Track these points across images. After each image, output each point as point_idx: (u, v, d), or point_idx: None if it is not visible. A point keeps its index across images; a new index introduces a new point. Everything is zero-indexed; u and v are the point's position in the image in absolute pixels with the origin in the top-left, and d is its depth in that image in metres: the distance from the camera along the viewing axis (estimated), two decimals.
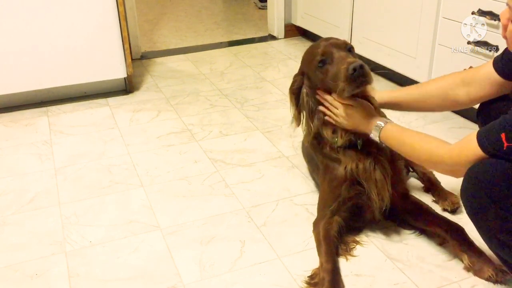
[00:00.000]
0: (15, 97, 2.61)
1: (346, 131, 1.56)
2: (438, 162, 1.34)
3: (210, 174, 2.01)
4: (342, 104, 1.53)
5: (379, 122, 1.49)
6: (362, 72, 1.42)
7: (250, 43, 3.64)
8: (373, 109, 1.56)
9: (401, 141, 1.45)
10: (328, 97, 1.56)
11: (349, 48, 1.53)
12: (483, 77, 1.50)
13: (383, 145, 1.52)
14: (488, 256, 1.44)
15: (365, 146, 1.57)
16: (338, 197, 1.58)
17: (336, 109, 1.54)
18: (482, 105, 1.56)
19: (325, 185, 1.64)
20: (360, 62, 1.43)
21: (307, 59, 1.60)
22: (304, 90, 1.61)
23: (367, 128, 1.51)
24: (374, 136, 1.50)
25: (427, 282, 1.45)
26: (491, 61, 1.49)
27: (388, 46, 2.68)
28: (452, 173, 1.33)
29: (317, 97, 1.59)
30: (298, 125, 1.66)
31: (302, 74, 1.62)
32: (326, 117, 1.59)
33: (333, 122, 1.57)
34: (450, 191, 1.78)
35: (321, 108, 1.60)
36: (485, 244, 1.34)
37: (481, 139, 1.22)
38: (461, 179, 1.29)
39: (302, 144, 1.97)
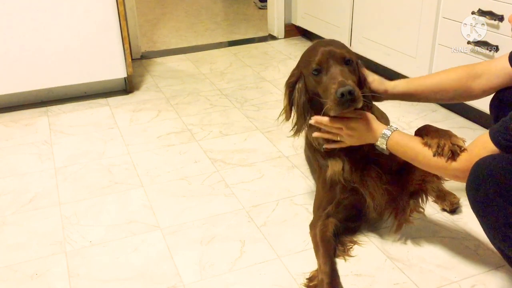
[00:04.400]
0: (15, 97, 2.61)
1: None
2: (449, 167, 1.31)
3: (210, 174, 2.01)
4: (344, 120, 1.47)
5: (385, 131, 1.44)
6: (350, 98, 1.37)
7: (250, 43, 3.64)
8: (376, 118, 1.50)
9: (409, 148, 1.40)
10: (324, 120, 1.50)
11: (347, 61, 1.46)
12: (498, 71, 1.48)
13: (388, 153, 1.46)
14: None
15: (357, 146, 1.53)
16: (333, 199, 1.58)
17: (340, 128, 1.48)
18: (496, 92, 1.55)
19: (320, 187, 1.64)
20: (349, 87, 1.36)
21: (304, 60, 1.57)
22: (297, 86, 1.57)
23: (374, 138, 1.46)
24: (381, 144, 1.44)
25: (427, 282, 1.45)
26: (506, 54, 1.47)
27: (388, 46, 2.68)
28: (464, 176, 1.27)
29: (311, 122, 1.53)
30: (288, 119, 1.61)
31: (299, 71, 1.59)
32: (326, 146, 1.55)
33: (336, 146, 1.52)
34: (449, 191, 1.77)
35: (316, 134, 1.54)
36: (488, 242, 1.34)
37: (494, 134, 1.22)
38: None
39: (304, 145, 1.97)
